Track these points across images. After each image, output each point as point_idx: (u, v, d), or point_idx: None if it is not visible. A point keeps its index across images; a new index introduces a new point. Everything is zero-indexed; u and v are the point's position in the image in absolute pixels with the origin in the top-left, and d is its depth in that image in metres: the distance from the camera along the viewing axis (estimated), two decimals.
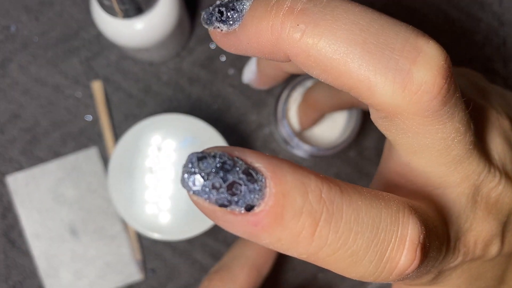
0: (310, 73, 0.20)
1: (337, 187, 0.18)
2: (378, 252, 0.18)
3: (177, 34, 0.39)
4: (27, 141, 0.43)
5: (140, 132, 0.37)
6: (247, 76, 0.34)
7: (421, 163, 0.21)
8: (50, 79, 0.43)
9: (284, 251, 0.18)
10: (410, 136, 0.20)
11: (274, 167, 0.17)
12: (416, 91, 0.19)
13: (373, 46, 0.19)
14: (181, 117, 0.37)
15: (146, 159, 0.37)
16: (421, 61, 0.19)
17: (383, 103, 0.19)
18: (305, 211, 0.17)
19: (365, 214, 0.18)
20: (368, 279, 0.19)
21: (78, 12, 0.43)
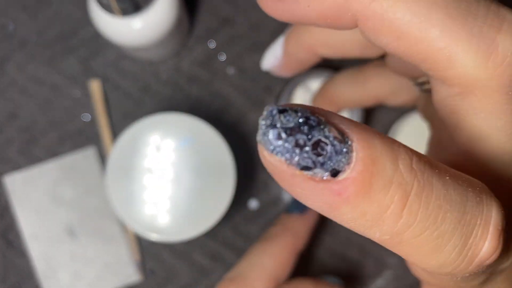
0: (378, 41, 0.18)
1: (426, 158, 0.16)
2: (464, 237, 0.16)
3: (176, 33, 0.39)
4: (25, 140, 0.43)
5: (138, 132, 0.37)
6: (270, 61, 0.30)
7: (486, 150, 0.19)
8: (48, 78, 0.43)
9: (365, 229, 0.16)
10: (482, 117, 0.18)
11: (361, 130, 0.15)
12: (501, 62, 0.17)
13: (455, 11, 0.17)
14: (180, 117, 0.37)
15: (145, 159, 0.37)
16: (507, 29, 0.17)
17: (463, 75, 0.17)
18: (395, 181, 0.15)
19: (454, 190, 0.16)
20: (446, 270, 0.16)
21: (76, 11, 0.43)
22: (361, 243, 0.45)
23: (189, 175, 0.37)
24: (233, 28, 0.44)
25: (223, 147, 0.37)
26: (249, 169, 0.44)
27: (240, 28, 0.44)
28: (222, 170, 0.37)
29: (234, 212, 0.43)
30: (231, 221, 0.44)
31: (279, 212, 0.45)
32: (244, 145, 0.44)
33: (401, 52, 0.18)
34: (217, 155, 0.37)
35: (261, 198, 0.45)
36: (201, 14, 0.44)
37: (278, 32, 0.44)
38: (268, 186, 0.45)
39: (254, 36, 0.44)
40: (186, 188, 0.37)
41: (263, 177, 0.45)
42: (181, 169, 0.37)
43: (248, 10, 0.44)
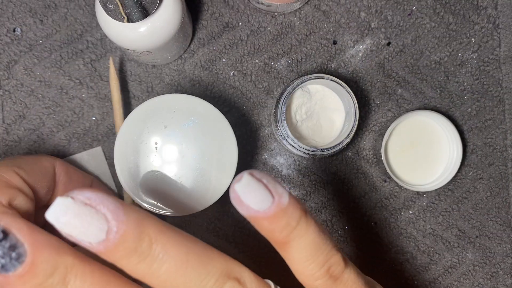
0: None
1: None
2: None
3: (180, 37, 0.40)
4: (32, 141, 0.44)
5: (149, 109, 0.37)
6: (258, 205, 0.30)
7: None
8: (54, 81, 0.44)
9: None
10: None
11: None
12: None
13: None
14: (188, 98, 0.38)
15: (152, 136, 0.37)
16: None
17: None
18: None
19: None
20: None
21: (83, 15, 0.44)
22: (359, 240, 0.46)
23: (193, 154, 0.38)
24: (235, 32, 0.45)
25: (228, 129, 0.37)
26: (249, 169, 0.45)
27: (241, 32, 0.45)
28: (226, 151, 0.38)
29: (235, 210, 0.44)
30: (232, 219, 0.45)
31: None
32: (244, 145, 0.45)
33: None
34: (221, 136, 0.38)
35: None
36: (203, 19, 0.45)
37: (278, 36, 0.45)
38: None
39: (255, 40, 0.45)
40: (190, 167, 0.38)
41: None
42: (187, 148, 0.38)
43: (249, 15, 0.45)
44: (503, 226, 0.47)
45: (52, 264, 0.24)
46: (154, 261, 0.26)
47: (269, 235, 0.29)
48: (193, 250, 0.27)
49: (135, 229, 0.25)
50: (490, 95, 0.47)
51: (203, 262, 0.27)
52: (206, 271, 0.27)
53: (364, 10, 0.46)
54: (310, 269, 0.30)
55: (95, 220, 0.24)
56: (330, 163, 0.46)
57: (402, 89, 0.46)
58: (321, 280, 0.30)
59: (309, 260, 0.30)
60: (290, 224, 0.28)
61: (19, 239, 0.23)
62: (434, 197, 0.47)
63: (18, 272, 0.23)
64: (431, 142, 0.46)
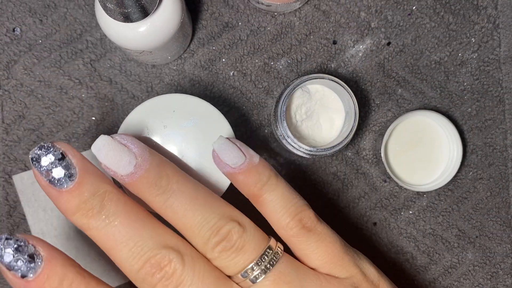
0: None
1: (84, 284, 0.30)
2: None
3: (179, 37, 0.40)
4: (32, 141, 0.44)
5: (148, 109, 0.37)
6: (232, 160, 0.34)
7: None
8: (54, 81, 0.44)
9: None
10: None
11: (51, 258, 0.29)
12: None
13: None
14: (188, 98, 0.37)
15: (152, 136, 0.37)
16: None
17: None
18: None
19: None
20: None
21: (82, 15, 0.44)
22: (359, 240, 0.46)
23: (193, 154, 0.38)
24: (234, 32, 0.45)
25: (227, 128, 0.37)
26: None
27: (241, 32, 0.45)
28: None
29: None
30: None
31: None
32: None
33: None
34: (220, 134, 0.38)
35: None
36: (203, 19, 0.45)
37: (278, 36, 0.45)
38: None
39: (255, 40, 0.45)
40: (190, 167, 0.38)
41: None
42: (186, 149, 0.38)
43: (249, 15, 0.45)
44: (503, 226, 0.47)
45: (95, 187, 0.30)
46: (170, 196, 0.31)
47: (245, 189, 0.34)
48: (203, 193, 0.32)
49: (156, 167, 0.32)
50: (490, 95, 0.47)
51: (209, 203, 0.32)
52: (211, 210, 0.32)
53: (364, 10, 0.46)
54: (284, 219, 0.33)
55: (126, 155, 0.31)
56: (330, 163, 0.46)
57: (402, 89, 0.46)
58: (295, 229, 0.33)
59: (282, 211, 0.33)
60: (261, 179, 0.34)
61: (73, 162, 0.30)
62: (434, 197, 0.47)
63: (68, 188, 0.29)
64: (431, 142, 0.46)
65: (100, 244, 0.31)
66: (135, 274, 0.30)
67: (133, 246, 0.30)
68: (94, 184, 0.30)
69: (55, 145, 0.30)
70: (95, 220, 0.30)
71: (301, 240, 0.34)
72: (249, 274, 0.31)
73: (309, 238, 0.33)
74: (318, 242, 0.34)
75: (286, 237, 0.34)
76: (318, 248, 0.34)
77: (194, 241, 0.32)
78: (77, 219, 0.30)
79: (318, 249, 0.34)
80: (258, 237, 0.33)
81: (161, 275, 0.30)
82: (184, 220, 0.31)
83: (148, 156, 0.32)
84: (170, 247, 0.30)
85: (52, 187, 0.30)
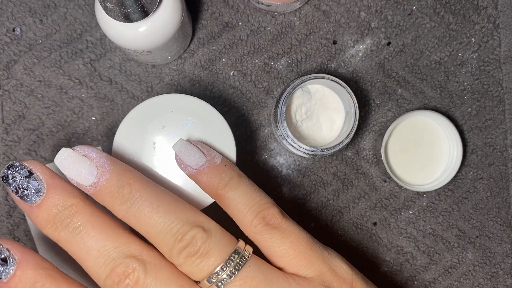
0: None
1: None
2: None
3: (179, 36, 0.40)
4: (32, 141, 0.44)
5: (147, 109, 0.37)
6: (195, 164, 0.35)
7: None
8: (54, 81, 0.44)
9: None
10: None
11: (23, 261, 0.31)
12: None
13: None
14: (187, 98, 0.37)
15: (151, 136, 0.37)
16: None
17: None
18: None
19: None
20: None
21: (82, 15, 0.44)
22: (359, 240, 0.46)
23: None
24: (234, 32, 0.45)
25: (226, 128, 0.37)
26: (249, 169, 0.45)
27: (241, 32, 0.45)
28: (224, 151, 0.38)
29: None
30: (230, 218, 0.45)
31: None
32: (244, 145, 0.45)
33: None
34: (220, 136, 0.38)
35: None
36: (203, 18, 0.45)
37: (278, 36, 0.45)
38: (268, 185, 0.46)
39: (255, 40, 0.45)
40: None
41: (263, 177, 0.46)
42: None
43: (249, 15, 0.45)
44: (503, 226, 0.47)
45: (62, 201, 0.31)
46: (132, 204, 0.32)
47: (208, 189, 0.35)
48: (165, 199, 0.33)
49: (118, 176, 0.32)
50: (490, 95, 0.47)
51: (173, 210, 0.32)
52: (175, 216, 0.32)
53: (364, 10, 0.46)
54: (247, 217, 0.34)
55: (87, 166, 0.32)
56: (330, 163, 0.46)
57: (402, 89, 0.46)
58: (259, 227, 0.33)
59: (245, 209, 0.34)
60: (223, 179, 0.34)
61: (41, 178, 0.31)
62: (434, 197, 0.47)
63: (37, 203, 0.31)
64: (431, 142, 0.46)
65: (71, 255, 0.32)
66: (103, 282, 0.31)
67: (98, 256, 0.31)
68: (61, 198, 0.31)
69: (22, 164, 0.32)
70: (64, 233, 0.31)
71: (266, 237, 0.34)
72: (215, 279, 0.32)
73: (274, 235, 0.34)
74: (283, 239, 0.34)
75: (251, 235, 0.34)
76: (283, 244, 0.34)
77: (160, 248, 0.32)
78: (48, 231, 0.32)
79: (283, 246, 0.34)
80: (224, 242, 0.33)
81: (125, 284, 0.31)
82: (148, 228, 0.32)
83: (109, 166, 0.32)
84: (133, 256, 0.31)
85: (24, 203, 0.32)
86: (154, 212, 0.32)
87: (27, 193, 0.31)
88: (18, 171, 0.31)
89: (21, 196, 0.31)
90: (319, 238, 0.46)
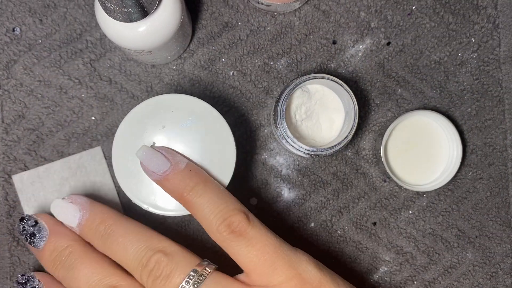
0: None
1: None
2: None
3: (179, 36, 0.40)
4: (32, 141, 0.44)
5: (147, 109, 0.37)
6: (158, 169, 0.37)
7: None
8: (54, 80, 0.44)
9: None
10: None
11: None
12: None
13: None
14: (187, 98, 0.37)
15: (150, 136, 0.37)
16: None
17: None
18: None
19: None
20: None
21: (82, 15, 0.44)
22: (359, 240, 0.46)
23: (191, 154, 0.38)
24: (234, 32, 0.45)
25: (226, 128, 0.37)
26: (249, 169, 0.45)
27: (241, 32, 0.45)
28: (224, 151, 0.38)
29: None
30: None
31: (277, 209, 0.46)
32: (244, 145, 0.45)
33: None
34: (220, 136, 0.38)
35: (260, 196, 0.46)
36: (203, 18, 0.45)
37: (277, 36, 0.45)
38: (268, 185, 0.46)
39: (254, 40, 0.45)
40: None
41: (263, 177, 0.46)
42: (185, 149, 0.38)
43: (249, 15, 0.45)
44: (503, 226, 0.47)
45: (61, 244, 0.37)
46: (108, 238, 0.37)
47: (173, 194, 0.36)
48: (134, 230, 0.37)
49: (95, 216, 0.38)
50: (490, 95, 0.47)
51: (139, 239, 0.36)
52: (140, 244, 0.36)
53: (363, 9, 0.46)
54: (214, 223, 0.35)
55: (72, 211, 0.38)
56: (329, 163, 0.46)
57: (402, 89, 0.46)
58: (224, 233, 0.35)
59: (211, 216, 0.35)
60: (188, 184, 0.35)
61: (45, 226, 0.38)
62: (434, 197, 0.47)
63: (42, 247, 0.38)
64: (431, 142, 0.46)
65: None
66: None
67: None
68: (60, 241, 0.38)
69: (30, 216, 0.39)
70: (62, 270, 0.37)
71: (232, 244, 0.35)
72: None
73: (239, 243, 0.34)
74: (248, 247, 0.34)
75: (218, 241, 0.35)
76: (249, 253, 0.34)
77: (133, 274, 0.36)
78: (51, 270, 0.38)
79: (249, 254, 0.34)
80: (185, 262, 0.35)
81: None
82: (121, 258, 0.36)
83: (89, 209, 0.38)
84: (112, 286, 0.36)
85: (32, 247, 0.38)
86: (124, 243, 0.36)
87: (33, 240, 0.38)
88: (27, 222, 0.38)
89: (29, 243, 0.38)
90: (319, 238, 0.46)
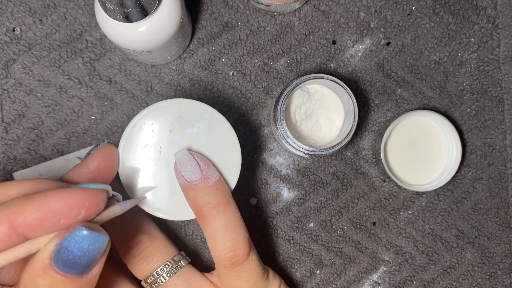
0: None
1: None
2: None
3: (179, 37, 0.40)
4: (31, 140, 0.44)
5: (154, 113, 0.37)
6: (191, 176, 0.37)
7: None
8: (54, 80, 0.44)
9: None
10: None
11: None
12: None
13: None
14: (195, 103, 0.37)
15: (157, 140, 0.37)
16: None
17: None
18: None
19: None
20: None
21: (82, 15, 0.44)
22: (358, 240, 0.46)
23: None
24: (234, 32, 0.45)
25: (233, 137, 0.37)
26: (249, 169, 0.45)
27: (241, 32, 0.45)
28: (230, 158, 0.38)
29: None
30: None
31: (277, 209, 0.46)
32: (244, 145, 0.45)
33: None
34: (227, 145, 0.37)
35: (260, 196, 0.46)
36: (203, 19, 0.45)
37: (277, 36, 0.45)
38: (267, 185, 0.46)
39: (254, 40, 0.45)
40: None
41: (263, 177, 0.46)
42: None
43: (249, 15, 0.45)
44: (502, 227, 0.47)
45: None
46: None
47: (193, 206, 0.36)
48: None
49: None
50: (490, 95, 0.47)
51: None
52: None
53: (363, 10, 0.46)
54: (220, 250, 0.36)
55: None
56: (329, 163, 0.46)
57: (402, 89, 0.46)
58: (225, 263, 0.36)
59: (220, 242, 0.36)
60: (211, 202, 0.35)
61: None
62: (433, 197, 0.47)
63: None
64: (431, 142, 0.46)
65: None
66: None
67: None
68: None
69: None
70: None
71: (226, 272, 0.37)
72: (150, 280, 0.38)
73: (231, 272, 0.37)
74: (236, 276, 0.37)
75: (217, 263, 0.37)
76: (235, 279, 0.38)
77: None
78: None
79: (234, 280, 0.38)
80: (164, 250, 0.39)
81: None
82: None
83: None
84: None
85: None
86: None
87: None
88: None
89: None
90: (319, 238, 0.46)
